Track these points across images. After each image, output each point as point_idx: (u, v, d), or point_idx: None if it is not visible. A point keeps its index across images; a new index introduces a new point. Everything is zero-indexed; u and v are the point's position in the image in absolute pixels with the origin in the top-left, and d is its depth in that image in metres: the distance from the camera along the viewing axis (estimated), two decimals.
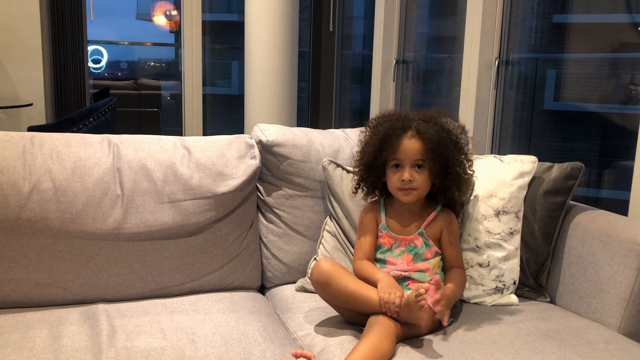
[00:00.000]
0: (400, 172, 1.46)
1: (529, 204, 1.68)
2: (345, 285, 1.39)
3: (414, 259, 1.49)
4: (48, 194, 1.47)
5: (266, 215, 1.78)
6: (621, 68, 2.49)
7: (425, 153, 1.44)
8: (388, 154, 1.47)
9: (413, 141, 1.45)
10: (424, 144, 1.45)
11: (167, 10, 5.86)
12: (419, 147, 1.45)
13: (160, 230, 1.56)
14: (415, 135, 1.46)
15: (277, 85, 3.56)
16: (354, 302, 1.40)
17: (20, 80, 3.60)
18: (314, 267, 1.43)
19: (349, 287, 1.38)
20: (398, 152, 1.46)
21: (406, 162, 1.45)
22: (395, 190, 1.49)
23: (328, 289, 1.40)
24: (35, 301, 1.49)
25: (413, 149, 1.45)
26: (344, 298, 1.40)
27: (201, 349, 1.30)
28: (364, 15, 4.44)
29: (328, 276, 1.39)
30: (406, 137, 1.46)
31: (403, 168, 1.46)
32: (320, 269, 1.40)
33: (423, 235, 1.50)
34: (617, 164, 2.54)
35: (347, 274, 1.42)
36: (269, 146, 1.73)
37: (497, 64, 2.77)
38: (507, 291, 1.62)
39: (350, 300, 1.39)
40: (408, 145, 1.45)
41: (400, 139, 1.46)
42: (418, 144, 1.45)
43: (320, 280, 1.40)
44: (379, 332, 1.29)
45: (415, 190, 1.47)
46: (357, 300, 1.38)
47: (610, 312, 1.49)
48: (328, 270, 1.40)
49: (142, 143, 1.63)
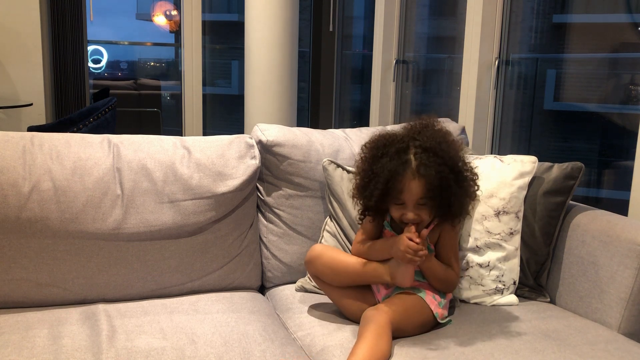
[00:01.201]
0: (403, 211, 1.44)
1: (529, 204, 1.68)
2: (338, 257, 1.49)
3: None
4: (48, 194, 1.47)
5: (266, 215, 1.78)
6: (621, 68, 2.49)
7: (427, 193, 1.42)
8: (392, 199, 1.45)
9: (415, 182, 1.41)
10: (425, 184, 1.41)
11: (167, 10, 5.86)
12: (421, 189, 1.42)
13: (160, 230, 1.56)
14: (416, 175, 1.41)
15: (277, 85, 3.56)
16: (351, 276, 1.47)
17: (20, 80, 3.61)
18: (307, 252, 1.52)
19: (339, 257, 1.49)
20: (402, 195, 1.43)
21: (409, 203, 1.43)
22: (398, 221, 1.48)
23: (319, 262, 1.48)
24: (35, 301, 1.49)
25: (416, 190, 1.42)
26: (341, 270, 1.47)
27: (201, 349, 1.30)
28: (364, 15, 4.44)
29: (319, 251, 1.49)
30: (408, 176, 1.42)
31: (406, 207, 1.44)
32: (312, 248, 1.51)
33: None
34: (617, 164, 2.54)
35: (339, 250, 1.54)
36: (269, 146, 1.73)
37: (497, 64, 2.77)
38: (507, 291, 1.62)
39: (348, 274, 1.47)
40: (411, 188, 1.42)
41: (403, 181, 1.42)
42: (420, 185, 1.41)
43: (311, 256, 1.49)
44: (376, 331, 1.29)
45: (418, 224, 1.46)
46: (354, 271, 1.46)
47: (610, 312, 1.49)
48: (320, 247, 1.51)
49: (142, 143, 1.63)
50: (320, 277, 1.51)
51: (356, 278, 1.48)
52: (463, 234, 1.65)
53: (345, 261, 1.49)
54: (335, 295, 1.51)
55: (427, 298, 1.43)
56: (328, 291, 1.52)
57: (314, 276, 1.53)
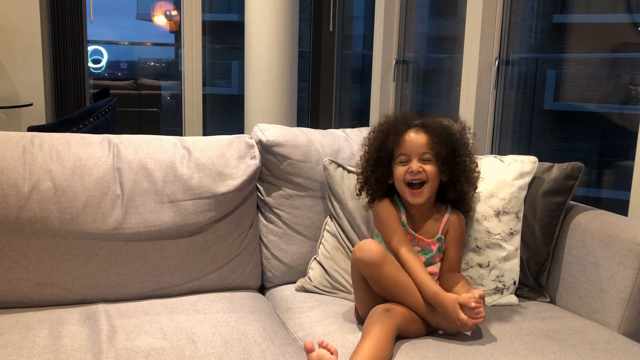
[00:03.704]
0: (407, 166, 1.45)
1: (529, 204, 1.68)
2: (396, 273, 1.36)
3: (425, 262, 1.49)
4: (48, 194, 1.47)
5: (266, 215, 1.78)
6: (621, 68, 2.49)
7: (432, 145, 1.43)
8: (394, 146, 1.45)
9: (420, 135, 1.45)
10: (430, 136, 1.44)
11: (167, 10, 5.86)
12: (425, 140, 1.44)
13: (160, 230, 1.56)
14: (420, 130, 1.46)
15: (277, 85, 3.56)
16: (397, 293, 1.36)
17: (20, 80, 3.60)
18: (363, 245, 1.36)
19: (399, 277, 1.36)
20: (404, 146, 1.44)
21: (413, 156, 1.44)
22: (403, 187, 1.46)
23: (378, 271, 1.34)
24: (35, 301, 1.49)
25: (419, 141, 1.44)
26: (391, 286, 1.35)
27: (201, 349, 1.30)
28: (364, 15, 4.43)
29: (382, 258, 1.34)
30: (412, 131, 1.46)
31: (410, 161, 1.44)
32: (373, 248, 1.35)
33: (441, 241, 1.50)
34: (617, 164, 2.54)
35: (397, 262, 1.40)
36: (269, 146, 1.73)
37: (497, 64, 2.77)
38: (507, 291, 1.62)
39: (395, 291, 1.36)
40: (414, 138, 1.44)
41: (405, 133, 1.46)
42: (424, 137, 1.44)
43: (372, 260, 1.33)
44: (382, 332, 1.28)
45: (426, 183, 1.44)
46: (403, 292, 1.36)
47: (610, 312, 1.49)
48: (383, 251, 1.35)
49: (142, 143, 1.63)
50: (369, 283, 1.39)
51: (407, 303, 1.38)
52: None
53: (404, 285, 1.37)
54: (363, 298, 1.42)
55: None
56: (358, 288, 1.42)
57: (360, 275, 1.39)
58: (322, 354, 1.21)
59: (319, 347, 1.24)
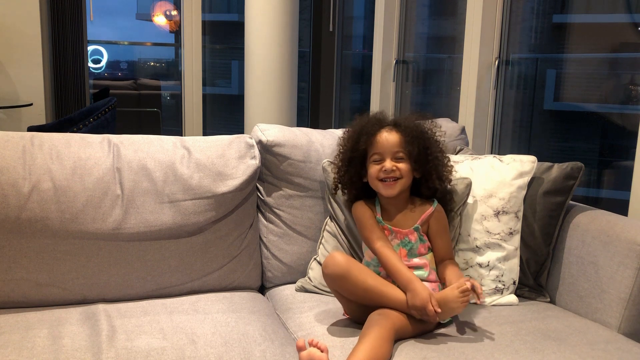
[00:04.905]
0: (381, 164, 1.47)
1: (528, 204, 1.68)
2: (364, 280, 1.38)
3: (409, 254, 1.50)
4: (48, 194, 1.47)
5: (266, 215, 1.78)
6: (621, 68, 2.49)
7: (405, 144, 1.46)
8: (367, 146, 1.48)
9: (392, 134, 1.48)
10: (402, 135, 1.47)
11: (167, 10, 5.86)
12: (397, 139, 1.47)
13: (160, 230, 1.56)
14: (393, 129, 1.49)
15: (277, 85, 3.56)
16: (370, 298, 1.38)
17: (20, 80, 3.60)
18: (328, 260, 1.39)
19: (367, 282, 1.38)
20: (377, 145, 1.47)
21: (387, 155, 1.47)
22: (376, 183, 1.49)
23: (344, 283, 1.38)
24: (35, 301, 1.49)
25: (392, 140, 1.47)
26: (361, 293, 1.38)
27: (201, 349, 1.30)
28: (364, 15, 4.43)
29: (346, 269, 1.37)
30: (384, 130, 1.49)
31: (384, 160, 1.47)
32: (337, 261, 1.37)
33: (418, 231, 1.51)
34: (617, 164, 2.54)
35: (364, 268, 1.42)
36: (269, 146, 1.73)
37: (497, 64, 2.77)
38: (507, 291, 1.62)
39: (368, 296, 1.38)
40: (387, 138, 1.47)
41: (378, 132, 1.49)
42: (397, 136, 1.48)
43: (337, 273, 1.37)
44: (379, 334, 1.29)
45: (399, 179, 1.47)
46: (375, 296, 1.38)
47: (610, 312, 1.49)
48: (345, 263, 1.37)
49: (142, 143, 1.63)
50: (340, 295, 1.43)
51: (384, 304, 1.39)
52: (462, 234, 1.65)
53: (373, 289, 1.38)
54: (346, 305, 1.46)
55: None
56: (339, 299, 1.46)
57: (334, 289, 1.43)
58: (312, 352, 1.23)
59: (309, 346, 1.25)
